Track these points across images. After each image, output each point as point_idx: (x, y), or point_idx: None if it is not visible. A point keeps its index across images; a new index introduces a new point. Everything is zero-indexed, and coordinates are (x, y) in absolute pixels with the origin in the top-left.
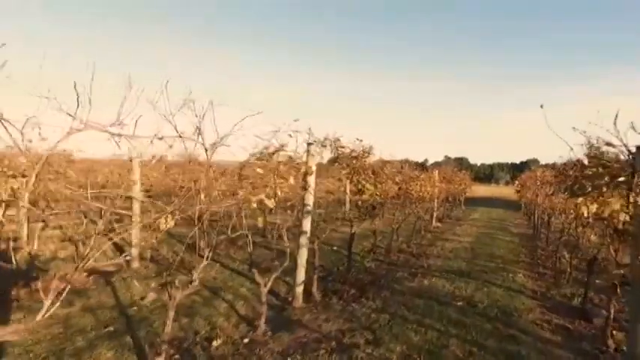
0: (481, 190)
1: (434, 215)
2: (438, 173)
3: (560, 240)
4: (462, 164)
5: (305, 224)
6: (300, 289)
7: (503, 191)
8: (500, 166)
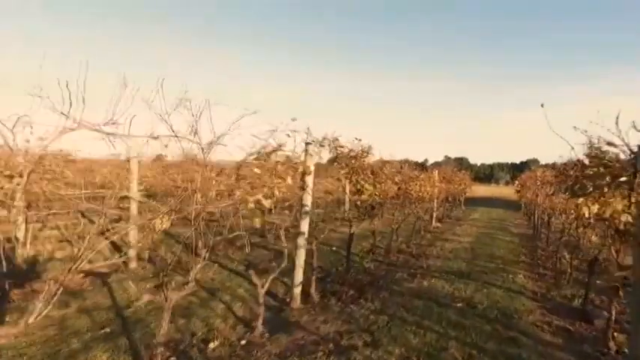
0: (481, 190)
1: (434, 215)
2: (437, 173)
3: (561, 240)
4: (461, 164)
5: (303, 225)
6: (298, 290)
7: (503, 191)
8: (500, 166)
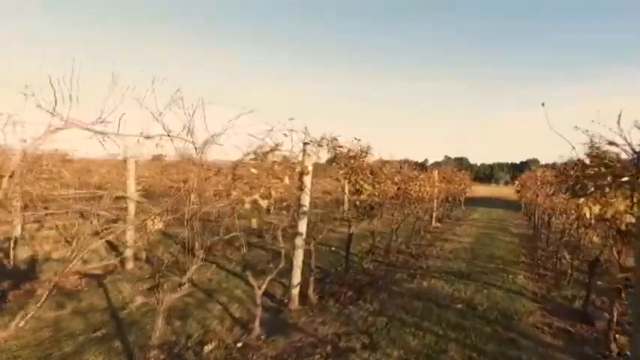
0: (481, 190)
1: (433, 215)
2: (437, 173)
3: (561, 241)
4: (461, 164)
5: (301, 225)
6: (295, 292)
7: (503, 191)
8: (500, 166)
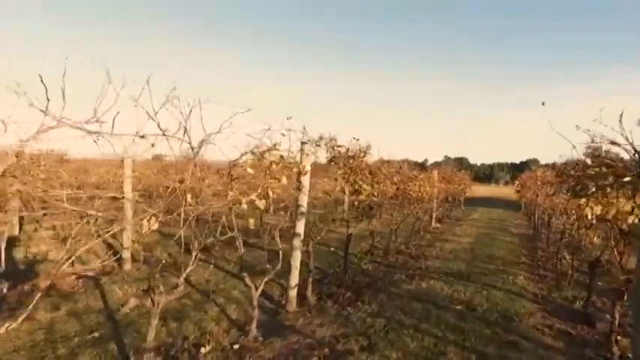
0: (481, 190)
1: (433, 215)
2: (437, 173)
3: (562, 241)
4: (461, 164)
5: (299, 226)
6: (293, 293)
7: (503, 191)
8: (500, 166)
